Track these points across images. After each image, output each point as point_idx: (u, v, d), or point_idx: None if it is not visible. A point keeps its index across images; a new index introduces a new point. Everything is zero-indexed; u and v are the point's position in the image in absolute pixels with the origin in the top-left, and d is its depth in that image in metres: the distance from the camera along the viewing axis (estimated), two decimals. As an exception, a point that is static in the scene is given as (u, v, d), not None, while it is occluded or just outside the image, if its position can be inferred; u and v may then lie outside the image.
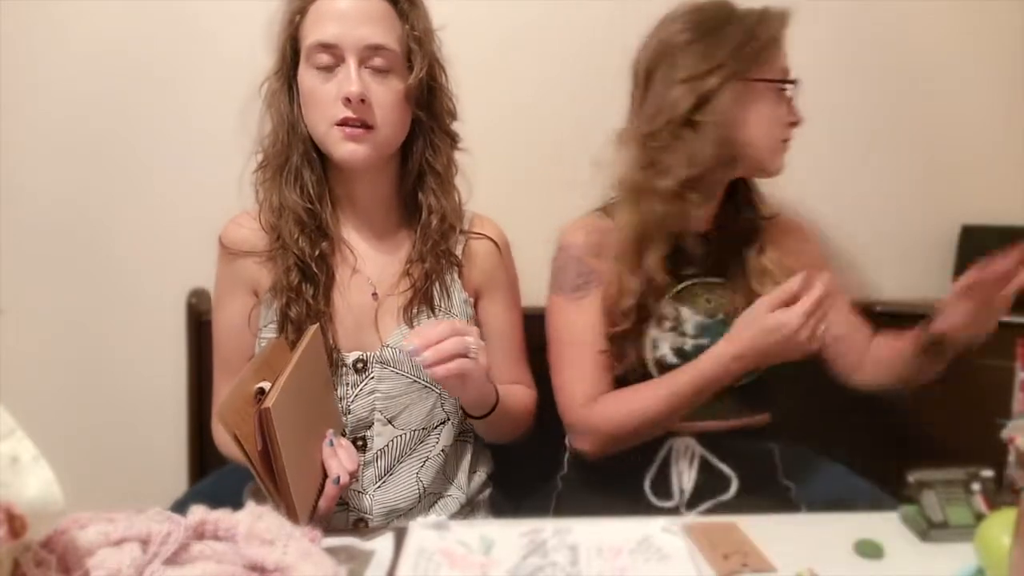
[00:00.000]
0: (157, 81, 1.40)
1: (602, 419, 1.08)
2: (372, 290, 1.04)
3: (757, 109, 1.08)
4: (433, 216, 1.05)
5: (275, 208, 1.01)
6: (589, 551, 0.75)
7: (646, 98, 1.11)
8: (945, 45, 1.55)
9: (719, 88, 1.05)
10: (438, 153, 1.05)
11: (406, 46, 0.99)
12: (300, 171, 1.01)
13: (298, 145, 1.01)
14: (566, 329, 1.12)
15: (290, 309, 0.99)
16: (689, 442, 1.12)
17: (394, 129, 1.00)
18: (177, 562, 0.61)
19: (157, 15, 1.39)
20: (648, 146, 1.09)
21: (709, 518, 0.85)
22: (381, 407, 1.02)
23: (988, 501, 0.82)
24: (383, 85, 0.98)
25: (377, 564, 0.73)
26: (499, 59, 1.44)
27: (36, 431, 0.55)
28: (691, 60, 1.06)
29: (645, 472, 1.12)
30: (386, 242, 1.08)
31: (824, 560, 0.74)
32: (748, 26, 1.06)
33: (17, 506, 0.50)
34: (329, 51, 0.96)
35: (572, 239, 1.14)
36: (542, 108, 1.47)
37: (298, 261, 0.99)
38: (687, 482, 1.11)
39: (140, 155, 1.42)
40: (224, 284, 1.07)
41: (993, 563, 0.70)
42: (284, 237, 1.00)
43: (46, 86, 1.39)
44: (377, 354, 1.02)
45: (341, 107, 0.95)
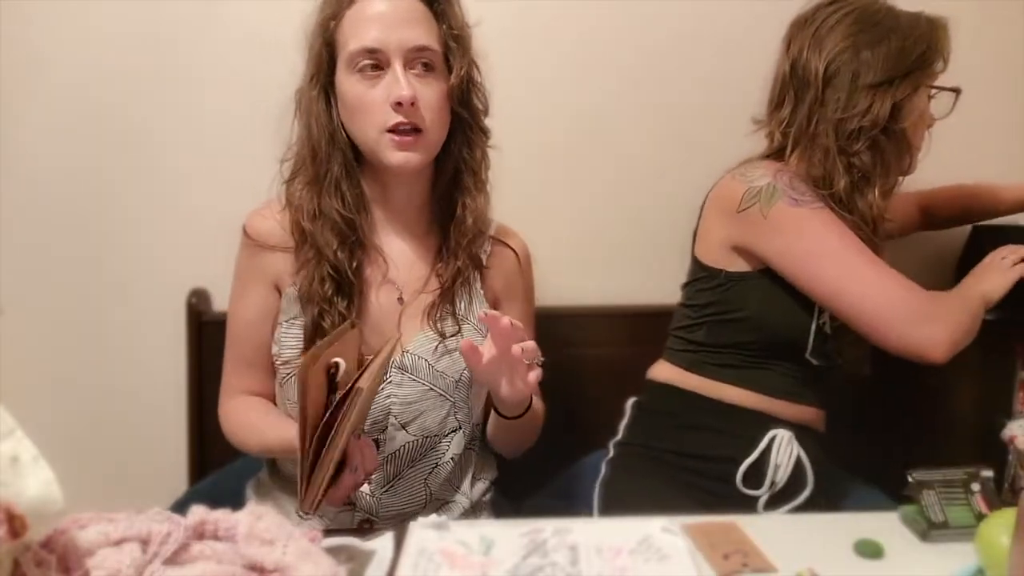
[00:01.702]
0: (160, 82, 1.40)
1: (947, 310, 1.03)
2: (398, 294, 1.04)
3: (925, 114, 1.12)
4: (468, 214, 1.04)
5: (311, 216, 0.99)
6: (589, 551, 0.75)
7: (824, 99, 1.10)
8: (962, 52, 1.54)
9: (912, 95, 1.08)
10: (474, 150, 1.04)
11: (444, 45, 0.99)
12: (339, 181, 1.00)
13: (337, 154, 1.00)
14: (839, 237, 1.05)
15: (323, 320, 0.98)
16: (790, 436, 1.11)
17: (441, 130, 1.00)
18: (177, 562, 0.61)
19: (163, 14, 1.39)
20: (844, 152, 1.09)
21: (709, 518, 0.85)
22: (396, 412, 1.01)
23: (988, 501, 0.82)
24: (428, 87, 0.97)
25: (377, 564, 0.73)
26: (520, 54, 1.43)
27: (36, 431, 0.55)
28: (881, 64, 1.07)
29: (737, 455, 1.10)
30: (417, 243, 1.07)
31: (824, 560, 0.74)
32: (924, 31, 1.09)
33: (17, 506, 0.50)
34: (373, 56, 0.95)
35: (776, 168, 1.11)
36: (564, 105, 1.46)
37: (332, 271, 0.98)
38: (781, 475, 1.09)
39: (140, 155, 1.42)
40: (245, 275, 1.06)
41: (993, 563, 0.70)
42: (320, 245, 0.98)
43: (50, 85, 1.39)
44: (397, 359, 1.01)
45: (391, 112, 0.95)
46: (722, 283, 1.13)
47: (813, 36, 1.11)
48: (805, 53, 1.11)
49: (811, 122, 1.11)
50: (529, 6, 1.43)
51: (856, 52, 1.08)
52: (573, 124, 1.47)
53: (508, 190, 1.13)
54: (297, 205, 1.01)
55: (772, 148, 1.18)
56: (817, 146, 1.10)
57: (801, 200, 1.07)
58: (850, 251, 1.04)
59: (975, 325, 1.04)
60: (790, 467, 1.09)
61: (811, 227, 1.06)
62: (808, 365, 1.12)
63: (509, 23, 1.40)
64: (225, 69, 1.39)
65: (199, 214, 1.41)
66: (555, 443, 1.20)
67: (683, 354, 1.18)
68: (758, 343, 1.12)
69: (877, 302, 1.02)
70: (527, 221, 1.17)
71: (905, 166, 1.13)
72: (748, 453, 1.09)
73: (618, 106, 1.47)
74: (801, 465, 1.10)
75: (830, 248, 1.05)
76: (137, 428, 1.48)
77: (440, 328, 1.03)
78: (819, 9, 1.13)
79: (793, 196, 1.07)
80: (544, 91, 1.45)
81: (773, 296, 1.10)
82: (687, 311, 1.20)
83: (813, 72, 1.10)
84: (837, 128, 1.08)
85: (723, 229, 1.13)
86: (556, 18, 1.44)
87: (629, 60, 1.46)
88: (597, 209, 1.48)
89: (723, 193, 1.14)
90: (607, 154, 1.48)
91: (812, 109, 1.10)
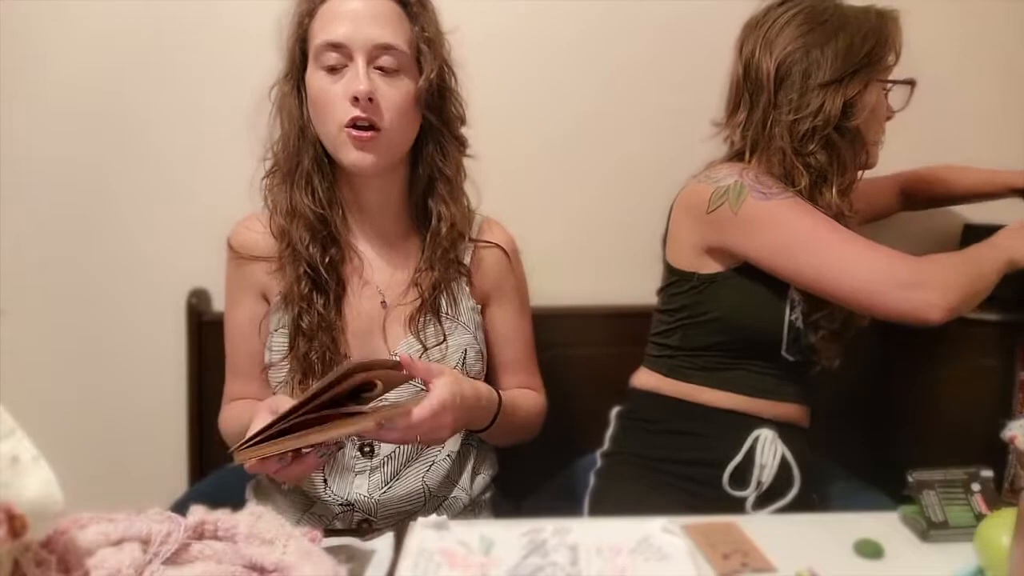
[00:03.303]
0: (160, 82, 1.40)
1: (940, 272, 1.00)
2: (381, 298, 1.04)
3: (876, 110, 1.11)
4: (443, 223, 1.04)
5: (286, 212, 1.00)
6: (589, 551, 0.75)
7: (777, 101, 1.10)
8: (945, 44, 1.54)
9: (863, 91, 1.08)
10: (448, 158, 1.04)
11: (416, 48, 0.99)
12: (311, 175, 1.00)
13: (308, 149, 1.00)
14: (815, 220, 1.04)
15: (302, 320, 0.99)
16: (774, 435, 1.11)
17: (403, 132, 0.99)
18: (177, 562, 0.61)
19: (163, 14, 1.39)
20: (799, 153, 1.09)
21: (709, 518, 0.85)
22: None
23: (988, 501, 0.82)
24: (392, 86, 0.97)
25: (377, 564, 0.73)
26: (506, 58, 1.43)
27: (36, 431, 0.55)
28: (831, 63, 1.07)
29: (722, 459, 1.10)
30: (395, 249, 1.07)
31: (824, 560, 0.74)
32: (873, 26, 1.08)
33: (17, 506, 0.50)
34: (337, 51, 0.95)
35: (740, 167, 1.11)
36: (550, 107, 1.47)
37: (308, 269, 0.99)
38: (767, 476, 1.09)
39: (141, 155, 1.42)
40: (233, 287, 1.07)
41: (993, 563, 0.70)
42: (295, 242, 0.99)
43: (49, 84, 1.39)
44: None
45: (349, 107, 0.94)
46: (695, 285, 1.13)
47: (764, 38, 1.11)
48: (757, 55, 1.11)
49: (766, 124, 1.11)
50: (516, 10, 1.43)
51: (806, 52, 1.08)
52: (561, 125, 1.47)
53: (496, 192, 1.13)
54: (274, 203, 1.02)
55: (732, 152, 1.18)
56: (774, 148, 1.10)
57: (769, 193, 1.06)
58: (824, 231, 1.03)
59: (983, 286, 1.02)
60: (775, 466, 1.09)
61: (783, 217, 1.05)
62: (784, 362, 1.11)
63: (495, 25, 1.41)
64: (226, 68, 1.39)
65: (199, 214, 1.41)
66: (554, 443, 1.20)
67: (661, 360, 1.18)
68: (733, 343, 1.11)
69: (860, 274, 1.01)
70: (516, 222, 1.16)
71: (862, 161, 1.13)
72: (733, 455, 1.09)
73: (605, 109, 1.47)
74: (787, 463, 1.10)
75: (804, 233, 1.04)
76: (137, 428, 1.48)
77: (423, 339, 1.02)
78: (770, 10, 1.13)
79: (761, 190, 1.07)
80: (532, 93, 1.46)
81: (744, 294, 1.10)
82: (662, 316, 1.20)
83: (765, 74, 1.10)
84: (791, 129, 1.08)
85: (694, 233, 1.13)
86: (542, 21, 1.45)
87: (616, 64, 1.46)
88: (585, 210, 1.49)
89: (690, 197, 1.14)
90: (596, 156, 1.49)
91: (766, 111, 1.11)
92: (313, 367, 0.98)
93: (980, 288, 1.02)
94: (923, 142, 1.56)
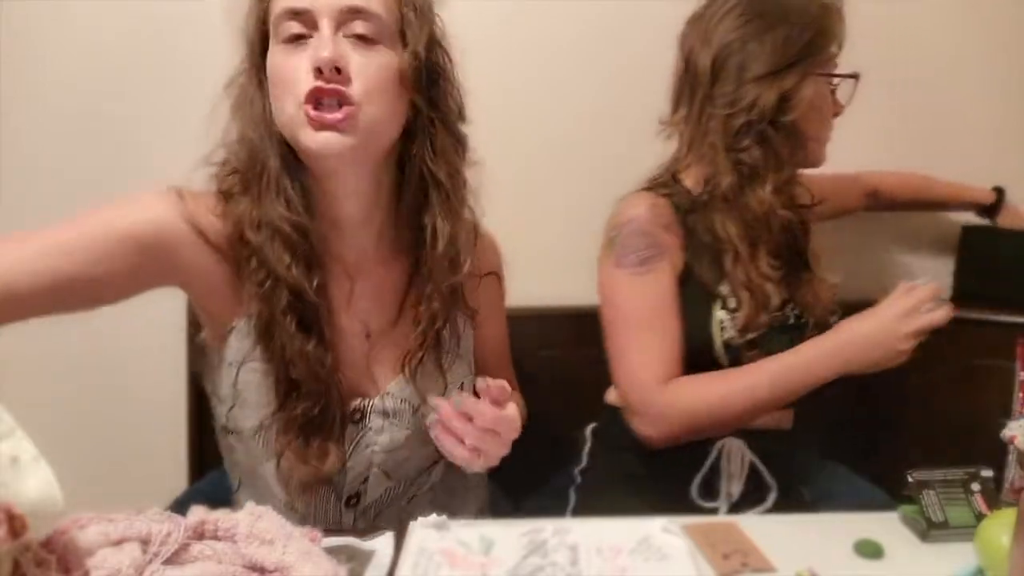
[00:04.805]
0: (160, 81, 1.40)
1: (677, 405, 1.02)
2: (365, 330, 0.90)
3: (824, 103, 1.08)
4: (439, 242, 0.86)
5: (253, 224, 0.81)
6: (589, 551, 0.75)
7: (713, 95, 1.08)
8: (945, 44, 1.55)
9: (800, 84, 1.04)
10: (440, 158, 0.86)
11: (398, 15, 0.82)
12: (280, 179, 0.82)
13: (273, 146, 0.82)
14: (632, 306, 1.06)
15: (292, 369, 0.82)
16: (740, 444, 1.09)
17: (382, 111, 0.81)
18: (177, 562, 0.61)
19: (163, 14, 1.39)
20: (732, 149, 1.06)
21: (709, 518, 0.85)
22: (379, 461, 0.91)
23: (988, 501, 0.82)
24: (367, 57, 0.80)
25: (377, 564, 0.73)
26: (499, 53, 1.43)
27: (36, 431, 0.55)
28: (766, 55, 1.04)
29: (682, 470, 1.09)
30: (379, 272, 0.91)
31: (824, 560, 0.73)
32: (813, 17, 1.05)
33: (17, 506, 0.50)
34: (299, 18, 0.79)
35: (635, 212, 1.08)
36: (546, 104, 1.47)
37: (292, 299, 0.81)
38: (736, 487, 1.08)
39: (141, 154, 1.42)
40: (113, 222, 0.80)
41: (993, 563, 0.70)
42: (271, 263, 0.80)
43: (49, 84, 1.39)
44: (377, 403, 0.89)
45: (311, 79, 0.78)
46: None
47: (703, 31, 1.09)
48: (696, 49, 1.09)
49: (702, 119, 1.09)
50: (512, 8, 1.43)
51: (742, 44, 1.05)
52: (550, 126, 1.47)
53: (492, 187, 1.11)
54: (238, 215, 0.82)
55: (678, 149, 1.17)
56: (707, 144, 1.08)
57: (624, 261, 1.06)
58: (627, 325, 1.06)
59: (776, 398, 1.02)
60: (743, 476, 1.08)
61: (612, 294, 1.08)
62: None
63: (492, 24, 1.41)
64: (226, 69, 1.39)
65: (199, 214, 1.41)
66: (553, 443, 1.20)
67: None
68: (695, 363, 1.08)
69: (619, 380, 1.07)
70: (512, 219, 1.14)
71: (801, 158, 1.09)
72: (699, 468, 1.08)
73: (594, 109, 1.48)
74: (757, 470, 1.09)
75: (614, 317, 1.07)
76: (137, 428, 1.48)
77: (421, 387, 0.89)
78: (711, 4, 1.11)
79: (623, 253, 1.06)
80: (520, 93, 1.46)
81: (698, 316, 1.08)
82: None
83: (702, 68, 1.08)
84: (726, 124, 1.05)
85: None
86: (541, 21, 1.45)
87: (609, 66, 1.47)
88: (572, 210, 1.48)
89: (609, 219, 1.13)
90: (593, 157, 1.49)
91: (703, 106, 1.08)
92: (313, 424, 0.84)
93: (734, 412, 1.02)
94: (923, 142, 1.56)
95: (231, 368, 0.86)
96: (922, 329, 0.97)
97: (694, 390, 1.03)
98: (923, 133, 1.57)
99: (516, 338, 1.12)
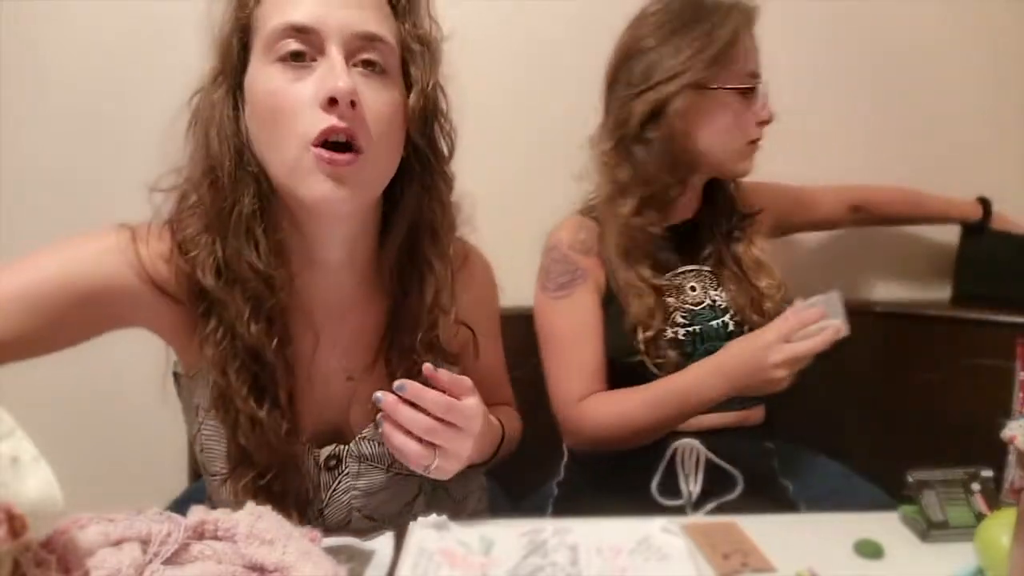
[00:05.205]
0: (159, 81, 1.40)
1: (588, 419, 1.08)
2: (346, 372, 0.84)
3: (716, 116, 1.06)
4: (427, 293, 0.81)
5: (212, 269, 0.73)
6: (589, 551, 0.75)
7: (609, 108, 1.11)
8: (945, 44, 1.55)
9: (669, 100, 1.03)
10: (432, 198, 0.80)
11: (404, 47, 0.76)
12: (251, 222, 0.72)
13: (247, 182, 0.72)
14: (553, 327, 1.12)
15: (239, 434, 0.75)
16: (693, 443, 1.10)
17: (387, 159, 0.75)
18: (177, 562, 0.61)
19: (163, 14, 1.39)
20: (605, 163, 1.10)
21: (709, 518, 0.85)
22: (359, 505, 0.87)
23: (988, 501, 0.82)
24: (378, 92, 0.72)
25: (377, 564, 0.73)
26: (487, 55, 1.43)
27: (36, 431, 0.55)
28: (647, 69, 1.05)
29: (651, 476, 1.10)
30: (354, 316, 0.84)
31: (824, 560, 0.73)
32: (706, 29, 1.03)
33: (17, 506, 0.50)
34: (303, 37, 0.70)
35: (557, 238, 1.14)
36: (534, 104, 1.47)
37: (248, 360, 0.74)
38: (694, 484, 1.10)
39: (141, 153, 1.41)
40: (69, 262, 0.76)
41: (993, 563, 0.70)
42: (231, 319, 0.73)
43: (49, 84, 1.39)
44: (353, 448, 0.85)
45: (321, 114, 0.69)
46: None
47: (620, 41, 1.12)
48: (611, 60, 1.13)
49: (601, 134, 1.13)
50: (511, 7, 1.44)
51: (627, 60, 1.08)
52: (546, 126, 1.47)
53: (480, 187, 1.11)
54: (196, 261, 0.74)
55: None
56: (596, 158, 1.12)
57: (547, 285, 1.13)
58: (558, 344, 1.11)
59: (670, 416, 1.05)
60: (700, 473, 1.09)
61: (539, 316, 1.15)
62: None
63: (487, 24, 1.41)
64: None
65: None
66: (551, 443, 1.20)
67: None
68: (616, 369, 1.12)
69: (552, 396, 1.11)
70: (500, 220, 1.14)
71: (682, 173, 1.09)
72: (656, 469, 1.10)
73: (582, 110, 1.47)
74: (716, 466, 1.10)
75: (543, 340, 1.14)
76: (137, 428, 1.48)
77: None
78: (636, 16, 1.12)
79: (546, 278, 1.13)
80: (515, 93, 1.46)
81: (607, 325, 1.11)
82: None
83: (607, 84, 1.13)
84: (612, 138, 1.09)
85: None
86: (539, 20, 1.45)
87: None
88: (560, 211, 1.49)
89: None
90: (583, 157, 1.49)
91: (604, 122, 1.13)
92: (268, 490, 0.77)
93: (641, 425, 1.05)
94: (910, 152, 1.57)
95: (198, 413, 0.83)
96: (794, 358, 0.93)
97: (603, 406, 1.07)
98: (921, 133, 1.57)
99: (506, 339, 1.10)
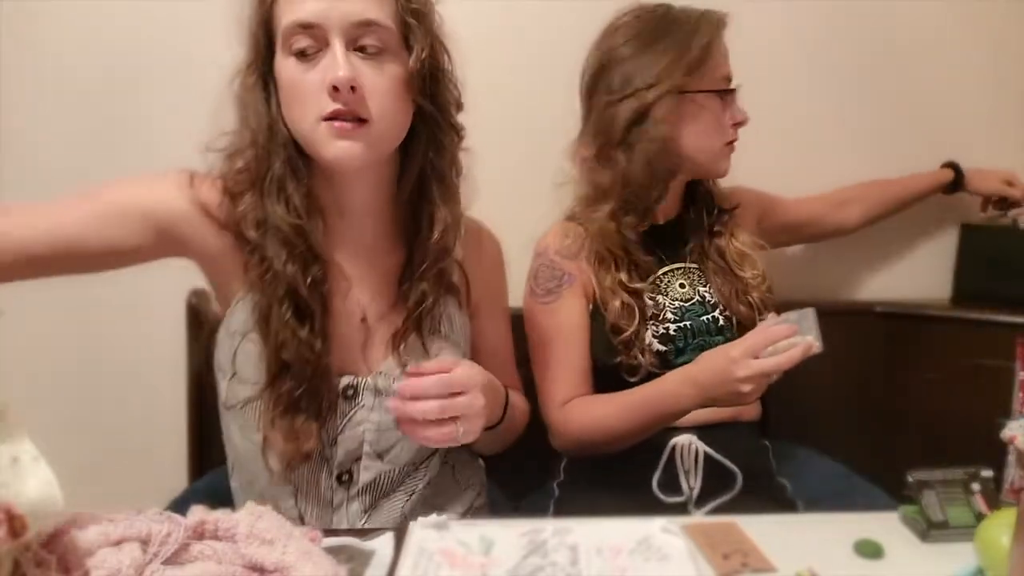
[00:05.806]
0: (158, 81, 1.40)
1: (571, 423, 1.10)
2: (361, 315, 0.94)
3: (696, 120, 1.09)
4: (435, 229, 0.91)
5: (255, 223, 0.87)
6: (589, 551, 0.75)
7: (589, 116, 1.13)
8: (944, 44, 1.55)
9: (651, 107, 1.06)
10: (442, 152, 0.91)
11: (401, 22, 0.85)
12: (283, 181, 0.86)
13: (279, 150, 0.87)
14: (541, 332, 1.14)
15: (284, 351, 0.86)
16: (691, 439, 1.10)
17: (393, 122, 0.87)
18: (177, 562, 0.61)
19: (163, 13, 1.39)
20: (586, 168, 1.11)
21: (709, 518, 0.85)
22: (371, 439, 0.93)
23: (988, 501, 0.82)
24: (377, 70, 0.84)
25: (377, 564, 0.73)
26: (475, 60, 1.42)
27: (36, 431, 0.55)
28: (626, 78, 1.07)
29: (651, 474, 1.10)
30: (379, 260, 0.95)
31: (824, 560, 0.73)
32: (681, 38, 1.06)
33: (17, 506, 0.50)
34: (309, 32, 0.82)
35: (544, 244, 1.16)
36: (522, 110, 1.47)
37: (290, 291, 0.86)
38: (694, 480, 1.10)
39: (141, 153, 1.42)
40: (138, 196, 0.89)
41: (993, 563, 0.70)
42: (271, 259, 0.86)
43: (49, 84, 1.39)
44: (369, 381, 0.92)
45: (327, 99, 0.82)
46: None
47: (590, 59, 1.14)
48: (587, 75, 1.15)
49: (581, 142, 1.15)
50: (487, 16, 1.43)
51: (605, 70, 1.10)
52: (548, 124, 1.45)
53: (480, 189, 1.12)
54: (240, 212, 0.88)
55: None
56: (577, 164, 1.14)
57: (535, 291, 1.14)
58: (541, 352, 1.13)
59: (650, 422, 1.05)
60: (699, 469, 1.09)
61: (527, 321, 1.16)
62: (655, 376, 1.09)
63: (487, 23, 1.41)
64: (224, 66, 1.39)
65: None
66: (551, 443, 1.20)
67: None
68: (600, 371, 1.13)
69: (539, 399, 1.13)
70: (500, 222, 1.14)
71: (665, 175, 1.10)
72: (656, 466, 1.10)
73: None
74: (716, 462, 1.10)
75: (531, 344, 1.15)
76: (137, 428, 1.48)
77: (405, 362, 0.92)
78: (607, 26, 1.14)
79: (535, 285, 1.15)
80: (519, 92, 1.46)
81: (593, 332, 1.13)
82: None
83: (586, 94, 1.14)
84: (594, 144, 1.11)
85: None
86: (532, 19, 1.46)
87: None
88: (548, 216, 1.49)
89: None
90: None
91: (584, 129, 1.15)
92: (298, 403, 0.87)
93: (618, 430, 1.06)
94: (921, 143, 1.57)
95: (234, 338, 0.91)
96: (760, 374, 0.93)
97: (584, 410, 1.09)
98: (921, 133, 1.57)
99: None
